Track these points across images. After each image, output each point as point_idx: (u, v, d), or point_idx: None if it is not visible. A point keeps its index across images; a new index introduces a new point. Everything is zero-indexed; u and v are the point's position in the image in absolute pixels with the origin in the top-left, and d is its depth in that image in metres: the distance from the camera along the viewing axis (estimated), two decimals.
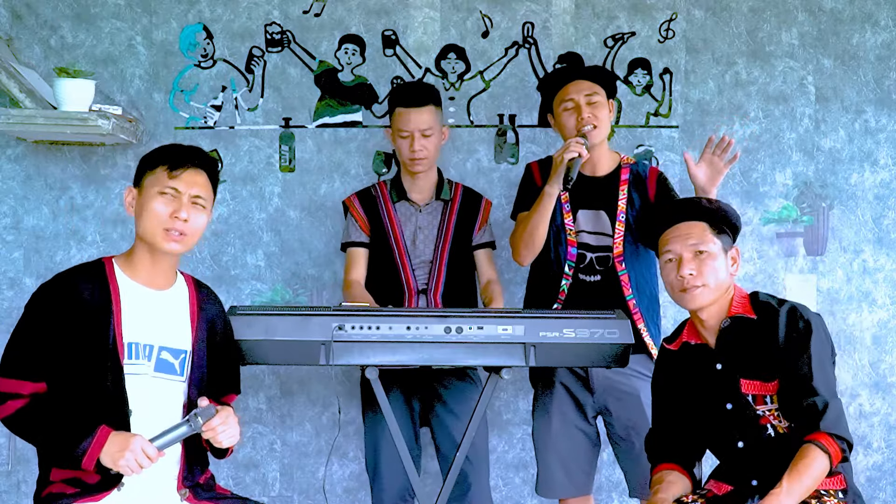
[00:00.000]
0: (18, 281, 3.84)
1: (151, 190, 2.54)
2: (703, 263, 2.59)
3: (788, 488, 2.38)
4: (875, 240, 3.91)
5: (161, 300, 2.58)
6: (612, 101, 3.31)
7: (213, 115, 3.86)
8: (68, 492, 2.45)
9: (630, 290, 3.19)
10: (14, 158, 3.84)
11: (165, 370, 2.55)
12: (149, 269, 2.58)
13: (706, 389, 2.63)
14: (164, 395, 2.55)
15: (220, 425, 2.49)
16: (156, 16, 3.84)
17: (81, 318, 2.47)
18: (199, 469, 2.62)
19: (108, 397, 2.47)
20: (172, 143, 2.68)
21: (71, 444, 2.41)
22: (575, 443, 3.25)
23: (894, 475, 3.93)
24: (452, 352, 2.87)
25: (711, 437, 2.67)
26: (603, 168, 3.29)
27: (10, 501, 3.81)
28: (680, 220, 2.65)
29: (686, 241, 2.61)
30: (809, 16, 3.88)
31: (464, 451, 3.02)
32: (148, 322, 2.54)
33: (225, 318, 2.73)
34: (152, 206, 2.53)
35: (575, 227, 3.25)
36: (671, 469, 2.66)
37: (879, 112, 3.90)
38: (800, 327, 2.54)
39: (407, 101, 3.38)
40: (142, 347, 2.53)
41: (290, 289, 3.88)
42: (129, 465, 2.39)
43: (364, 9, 3.86)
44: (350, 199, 3.53)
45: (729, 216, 2.68)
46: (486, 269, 3.50)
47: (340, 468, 3.91)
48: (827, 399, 2.47)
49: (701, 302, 2.61)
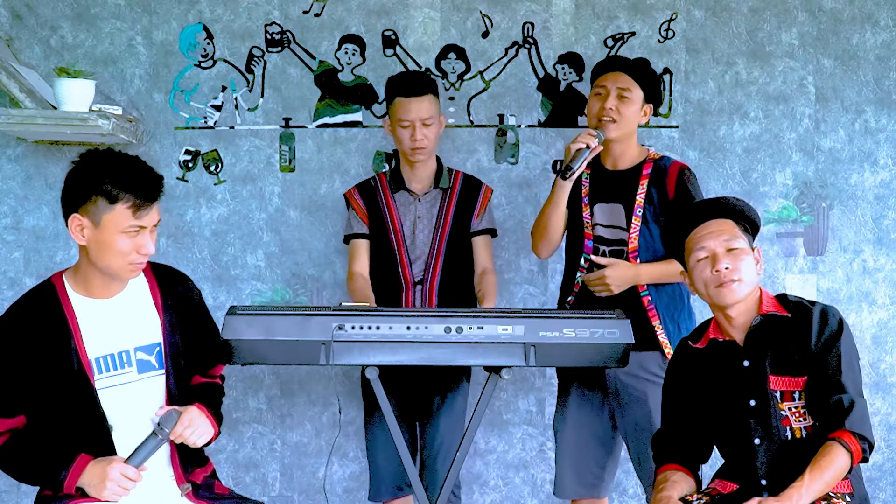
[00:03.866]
0: (18, 281, 3.84)
1: (112, 228, 2.41)
2: (737, 258, 2.59)
3: (809, 483, 2.42)
4: (875, 240, 3.91)
5: (120, 304, 2.54)
6: (650, 106, 3.23)
7: (213, 115, 3.86)
8: (68, 491, 2.45)
9: (644, 286, 3.15)
10: (14, 158, 3.84)
11: (147, 369, 2.54)
12: (100, 285, 2.52)
13: (730, 386, 2.63)
14: (145, 397, 2.53)
15: (185, 429, 2.48)
16: (156, 16, 3.85)
17: (41, 347, 2.44)
18: (194, 458, 2.61)
19: (85, 419, 2.46)
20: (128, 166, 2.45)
21: (51, 475, 2.41)
22: (585, 443, 3.21)
23: (894, 475, 3.93)
24: (452, 352, 2.86)
25: (727, 434, 2.66)
26: (626, 162, 3.23)
27: (10, 501, 3.81)
28: (709, 218, 2.65)
29: (719, 237, 2.60)
30: (809, 16, 3.88)
31: (464, 451, 3.02)
32: (113, 330, 2.51)
33: (193, 293, 2.68)
34: (115, 245, 2.42)
35: (591, 220, 3.22)
36: (676, 469, 2.67)
37: (879, 112, 3.90)
38: (833, 326, 2.57)
39: (407, 90, 3.36)
40: (116, 357, 2.50)
41: (290, 289, 3.88)
42: (113, 493, 2.39)
43: (364, 9, 3.86)
44: (350, 191, 3.54)
45: (752, 217, 2.68)
46: (482, 257, 3.47)
47: (340, 468, 3.91)
48: (854, 398, 2.50)
49: (738, 296, 2.60)
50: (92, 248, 2.44)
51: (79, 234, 2.44)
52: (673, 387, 2.77)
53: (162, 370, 2.55)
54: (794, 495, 2.41)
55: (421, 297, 3.40)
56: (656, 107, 3.30)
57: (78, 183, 2.44)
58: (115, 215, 2.41)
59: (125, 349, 2.51)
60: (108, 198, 2.40)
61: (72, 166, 2.49)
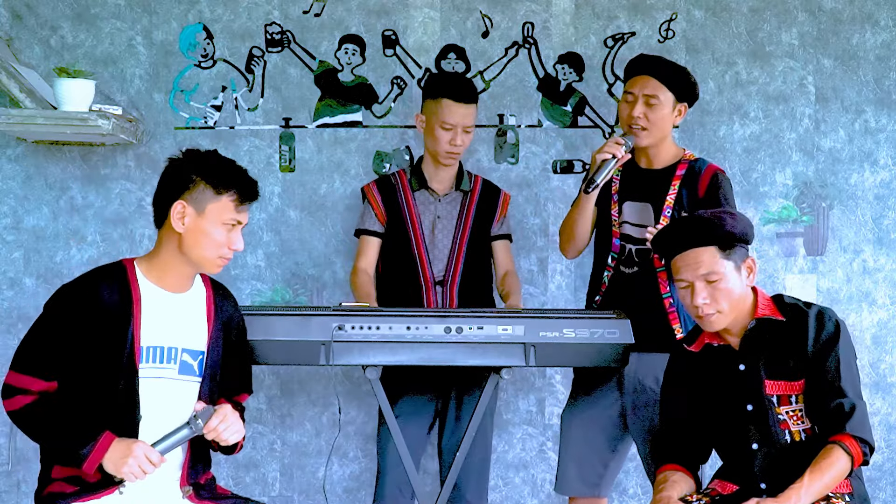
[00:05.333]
0: (18, 281, 3.84)
1: (215, 218, 2.50)
2: (716, 290, 2.56)
3: (809, 484, 2.42)
4: (875, 240, 3.91)
5: (181, 302, 2.58)
6: (684, 104, 3.16)
7: (213, 115, 3.86)
8: (68, 490, 2.46)
9: (667, 289, 3.09)
10: (14, 158, 3.84)
11: (187, 372, 2.56)
12: (175, 276, 2.57)
13: (726, 390, 2.63)
14: (179, 398, 2.55)
15: (220, 423, 2.50)
16: (156, 16, 3.85)
17: (100, 322, 2.47)
18: (202, 466, 2.63)
19: (118, 401, 2.47)
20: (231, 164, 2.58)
21: (74, 447, 2.42)
22: (592, 441, 3.17)
23: (894, 475, 3.93)
24: (452, 352, 2.87)
25: (725, 438, 2.67)
26: (660, 162, 3.17)
27: (10, 501, 3.81)
28: (688, 247, 2.59)
29: (696, 270, 2.57)
30: (809, 16, 3.88)
31: (463, 452, 3.02)
32: (169, 325, 2.54)
33: (240, 318, 2.73)
34: (213, 234, 2.51)
35: (619, 219, 3.17)
36: (675, 470, 2.67)
37: (879, 112, 3.90)
38: (829, 329, 2.56)
39: (459, 95, 3.33)
40: (165, 351, 2.53)
41: (290, 289, 3.88)
42: (132, 471, 2.40)
43: (364, 9, 3.86)
44: (369, 185, 3.51)
45: (737, 234, 2.60)
46: (504, 261, 3.48)
47: (340, 468, 3.91)
48: (854, 401, 2.51)
49: (717, 327, 2.60)
50: (188, 236, 2.50)
51: (179, 221, 2.50)
52: (671, 389, 2.77)
53: (199, 377, 2.57)
54: (793, 496, 2.41)
55: (442, 298, 3.39)
56: (691, 103, 3.20)
57: (185, 171, 2.53)
58: (219, 205, 2.50)
59: (174, 346, 2.54)
60: (214, 188, 2.50)
61: (170, 161, 2.58)
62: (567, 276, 3.90)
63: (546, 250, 3.90)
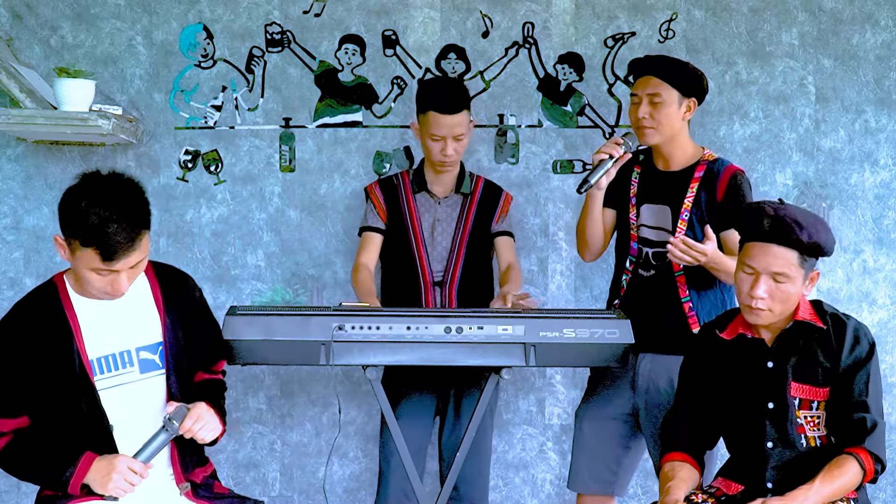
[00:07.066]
0: (18, 281, 3.84)
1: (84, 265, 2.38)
2: (778, 289, 2.55)
3: (819, 488, 2.45)
4: (875, 240, 3.91)
5: (122, 304, 2.53)
6: (692, 100, 3.12)
7: (214, 115, 3.86)
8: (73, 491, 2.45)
9: (686, 292, 3.08)
10: (14, 158, 3.84)
11: (150, 368, 2.54)
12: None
13: (751, 384, 2.63)
14: (147, 398, 2.53)
15: (195, 424, 2.49)
16: (156, 16, 3.85)
17: (41, 350, 2.45)
18: (195, 459, 2.62)
19: (86, 419, 2.47)
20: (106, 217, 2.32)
21: (56, 473, 2.42)
22: (605, 439, 3.16)
23: (894, 475, 3.93)
24: (452, 352, 2.87)
25: (739, 432, 2.67)
26: (678, 163, 3.15)
27: (10, 501, 3.81)
28: (773, 241, 2.55)
29: (771, 266, 2.54)
30: (809, 16, 3.88)
31: (463, 452, 3.02)
32: (115, 330, 2.51)
33: (193, 291, 2.69)
34: (86, 278, 2.41)
35: (637, 222, 3.16)
36: (682, 461, 2.66)
37: (879, 112, 3.90)
38: (864, 347, 2.58)
39: (443, 107, 3.29)
40: (118, 357, 2.51)
41: (290, 289, 3.88)
42: (118, 486, 2.40)
43: (364, 9, 3.86)
44: (372, 185, 3.53)
45: (822, 248, 2.57)
46: (506, 255, 3.48)
47: (340, 468, 3.91)
48: (876, 419, 2.54)
49: (761, 323, 2.60)
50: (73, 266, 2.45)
51: (60, 251, 2.43)
52: (692, 371, 2.76)
53: (163, 369, 2.55)
54: (801, 496, 2.43)
55: (440, 298, 3.40)
56: (701, 98, 3.17)
57: (63, 212, 2.40)
58: (85, 255, 2.37)
59: (126, 349, 2.52)
60: (74, 235, 2.37)
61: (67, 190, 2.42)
62: (567, 277, 3.90)
63: (546, 250, 3.90)
